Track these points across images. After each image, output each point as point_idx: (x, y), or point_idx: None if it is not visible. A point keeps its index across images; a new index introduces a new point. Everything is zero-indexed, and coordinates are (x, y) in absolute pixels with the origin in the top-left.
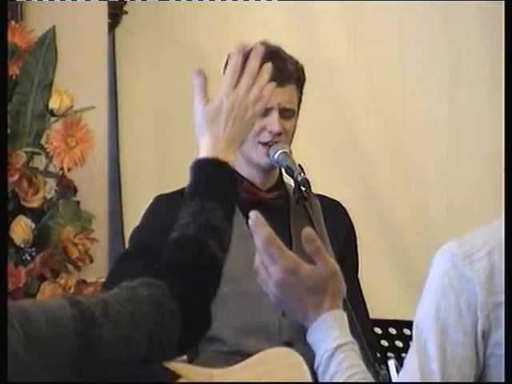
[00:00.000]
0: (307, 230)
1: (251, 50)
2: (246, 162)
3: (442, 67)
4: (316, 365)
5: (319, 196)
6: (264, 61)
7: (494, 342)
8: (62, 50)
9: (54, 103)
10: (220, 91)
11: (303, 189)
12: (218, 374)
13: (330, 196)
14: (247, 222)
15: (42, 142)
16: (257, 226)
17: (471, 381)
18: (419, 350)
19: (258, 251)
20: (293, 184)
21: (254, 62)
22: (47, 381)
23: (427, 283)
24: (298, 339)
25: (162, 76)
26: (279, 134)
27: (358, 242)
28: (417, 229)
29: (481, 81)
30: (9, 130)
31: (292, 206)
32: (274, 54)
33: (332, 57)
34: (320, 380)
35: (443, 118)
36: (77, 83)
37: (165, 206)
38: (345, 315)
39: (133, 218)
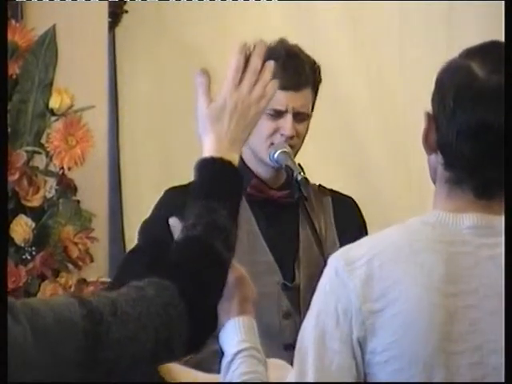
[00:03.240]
0: None
1: (254, 48)
2: (257, 161)
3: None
4: (221, 371)
5: (332, 191)
6: (282, 62)
7: (370, 349)
8: (62, 49)
9: (54, 102)
10: (223, 90)
11: (303, 189)
12: (212, 378)
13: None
14: (257, 220)
15: (43, 141)
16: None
17: None
18: (299, 357)
19: None
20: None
21: (256, 60)
22: (52, 377)
23: (316, 289)
24: None
25: (163, 75)
26: (291, 138)
27: None
28: None
29: None
30: (9, 129)
31: (302, 203)
32: (292, 57)
33: (332, 56)
34: None
35: None
36: (77, 82)
37: (176, 198)
38: (253, 321)
39: (133, 216)
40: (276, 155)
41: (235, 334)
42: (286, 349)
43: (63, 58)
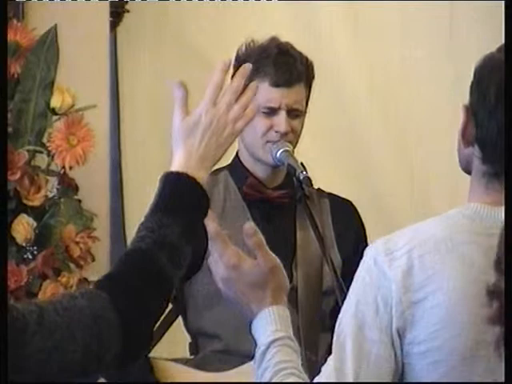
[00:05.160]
0: (248, 224)
1: (238, 67)
2: (254, 161)
3: (444, 66)
4: (254, 360)
5: (330, 195)
6: (273, 59)
7: (409, 340)
8: (63, 48)
9: (55, 102)
10: (200, 106)
11: (305, 187)
12: (209, 377)
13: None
14: (253, 220)
15: (44, 140)
16: (207, 222)
17: (390, 379)
18: (337, 346)
19: (210, 247)
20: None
21: (238, 81)
22: None
23: (354, 279)
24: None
25: (164, 74)
26: (286, 134)
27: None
28: None
29: None
30: (11, 129)
31: (299, 205)
32: (283, 54)
33: (334, 56)
34: (255, 375)
35: (446, 118)
36: (78, 82)
37: None
38: (287, 311)
39: (134, 216)
40: (278, 154)
41: (270, 323)
42: None
43: (65, 58)
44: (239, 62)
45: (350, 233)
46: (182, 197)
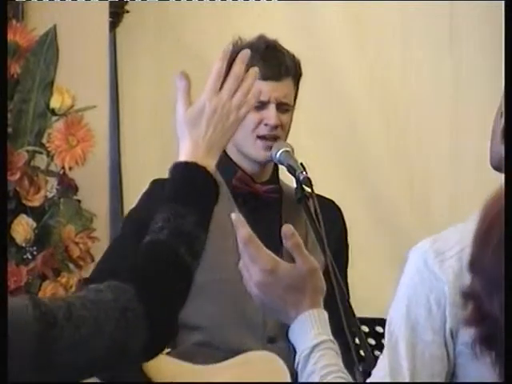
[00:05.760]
0: (287, 226)
1: (237, 54)
2: (242, 156)
3: (444, 67)
4: (296, 363)
5: (315, 196)
6: (261, 53)
7: (462, 340)
8: (63, 48)
9: (55, 102)
10: (203, 95)
11: (306, 188)
12: (200, 370)
13: (329, 195)
14: (240, 213)
15: (44, 140)
16: (237, 226)
17: (442, 378)
18: (390, 347)
19: (240, 252)
20: (288, 181)
21: (239, 67)
22: (8, 380)
23: (401, 280)
24: (281, 336)
25: (164, 75)
26: (276, 127)
27: (359, 242)
28: (419, 228)
29: (483, 80)
30: (10, 129)
31: (285, 201)
32: (271, 48)
33: (334, 56)
34: (299, 379)
35: (446, 118)
36: (78, 82)
37: (159, 191)
38: (325, 313)
39: None
40: (278, 154)
41: (311, 326)
42: (270, 341)
43: (64, 58)
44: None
45: (334, 231)
46: (194, 186)
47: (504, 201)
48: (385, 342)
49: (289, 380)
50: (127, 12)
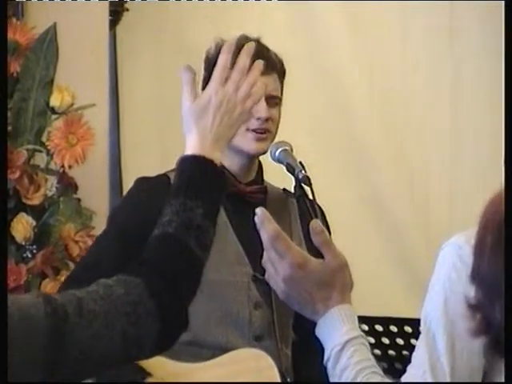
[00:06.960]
0: (315, 222)
1: (242, 46)
2: (230, 152)
3: (444, 67)
4: (325, 359)
5: (284, 190)
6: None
7: None
8: (63, 47)
9: (54, 100)
10: (209, 88)
11: (305, 187)
12: (189, 368)
13: (329, 195)
14: (226, 212)
15: (43, 139)
16: (263, 222)
17: (480, 374)
18: (428, 344)
19: (265, 247)
20: (273, 182)
21: (244, 59)
22: (20, 376)
23: (434, 276)
24: (268, 334)
25: (163, 73)
26: (267, 120)
27: (358, 242)
28: (419, 228)
29: (483, 80)
30: (10, 128)
31: (269, 202)
32: (256, 45)
33: (334, 56)
34: (330, 374)
35: (445, 118)
36: (78, 80)
37: (144, 189)
38: (353, 309)
39: None
40: (277, 153)
41: (342, 322)
42: (257, 339)
43: (64, 56)
44: (210, 63)
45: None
46: (202, 179)
47: (500, 207)
48: (420, 338)
49: (278, 377)
50: (127, 10)
